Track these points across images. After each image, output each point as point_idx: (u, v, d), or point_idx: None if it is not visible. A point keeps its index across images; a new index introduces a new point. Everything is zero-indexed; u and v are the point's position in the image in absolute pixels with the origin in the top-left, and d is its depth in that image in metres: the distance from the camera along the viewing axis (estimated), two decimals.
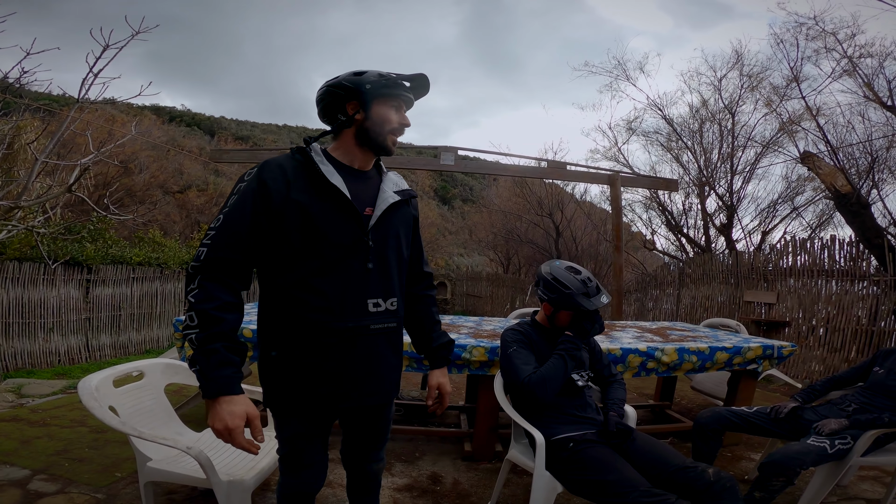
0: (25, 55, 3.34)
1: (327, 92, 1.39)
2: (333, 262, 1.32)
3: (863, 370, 2.61)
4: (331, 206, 1.31)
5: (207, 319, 1.20)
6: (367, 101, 1.36)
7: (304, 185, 1.30)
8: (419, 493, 2.56)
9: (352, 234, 1.34)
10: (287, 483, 1.49)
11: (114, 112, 19.19)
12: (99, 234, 7.73)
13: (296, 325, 1.33)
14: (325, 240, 1.30)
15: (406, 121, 1.43)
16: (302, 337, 1.33)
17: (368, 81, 1.35)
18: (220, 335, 1.21)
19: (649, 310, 9.22)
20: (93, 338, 7.02)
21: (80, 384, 1.87)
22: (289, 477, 1.49)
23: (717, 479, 1.73)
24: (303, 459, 1.46)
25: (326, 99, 1.40)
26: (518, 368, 2.00)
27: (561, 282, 2.04)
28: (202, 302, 1.21)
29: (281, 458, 1.49)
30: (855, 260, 5.46)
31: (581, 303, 2.01)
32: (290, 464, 1.47)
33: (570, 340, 2.05)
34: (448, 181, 40.89)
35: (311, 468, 1.47)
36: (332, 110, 1.40)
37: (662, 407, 3.99)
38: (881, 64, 7.58)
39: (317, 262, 1.31)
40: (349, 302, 1.34)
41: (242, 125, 46.42)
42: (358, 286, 1.35)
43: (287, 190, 1.29)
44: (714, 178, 10.56)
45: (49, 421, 3.39)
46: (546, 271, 2.11)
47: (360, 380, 1.40)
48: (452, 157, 7.51)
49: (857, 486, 2.77)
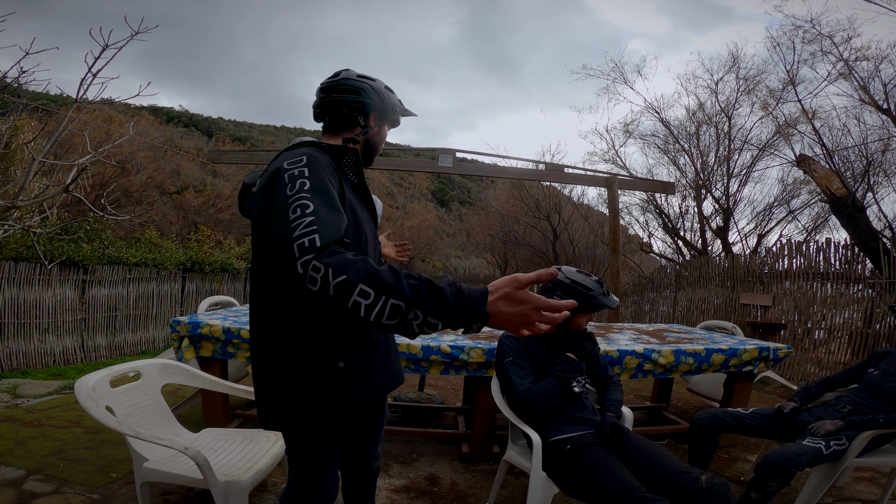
0: (25, 55, 3.33)
1: (348, 98, 1.36)
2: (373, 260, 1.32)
3: (857, 372, 2.63)
4: (363, 207, 1.35)
5: (382, 276, 0.92)
6: (383, 117, 1.43)
7: (346, 183, 1.28)
8: (417, 495, 2.56)
9: (374, 235, 1.41)
10: (301, 500, 1.38)
11: (111, 112, 19.15)
12: (95, 234, 7.70)
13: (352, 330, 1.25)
14: (366, 239, 1.31)
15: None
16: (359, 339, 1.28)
17: (395, 104, 1.46)
18: (407, 275, 0.94)
19: (646, 312, 9.24)
20: (88, 338, 6.99)
21: (77, 384, 1.86)
22: (302, 494, 1.37)
23: (710, 485, 1.74)
24: (320, 475, 1.37)
25: (359, 96, 1.36)
26: (514, 382, 2.03)
27: (582, 284, 2.04)
28: (356, 271, 0.92)
29: (295, 476, 1.38)
30: (850, 263, 5.49)
31: (604, 302, 2.04)
32: (307, 482, 1.37)
33: (570, 363, 2.04)
34: (446, 183, 40.91)
35: (326, 482, 1.39)
36: (354, 111, 1.37)
37: (659, 409, 4.00)
38: (877, 67, 7.64)
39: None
40: None
41: (240, 126, 46.37)
42: None
43: (341, 187, 1.21)
44: (710, 181, 10.61)
45: (44, 421, 3.37)
46: (562, 277, 2.08)
47: (393, 367, 1.46)
48: (450, 160, 7.52)
49: (852, 487, 2.79)
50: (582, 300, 2.00)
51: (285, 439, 1.38)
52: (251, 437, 2.24)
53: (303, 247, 0.96)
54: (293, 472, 1.39)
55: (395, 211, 19.77)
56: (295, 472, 1.38)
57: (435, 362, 2.84)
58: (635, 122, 12.03)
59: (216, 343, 2.83)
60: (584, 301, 2.00)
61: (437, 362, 2.84)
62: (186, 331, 2.82)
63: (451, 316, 0.92)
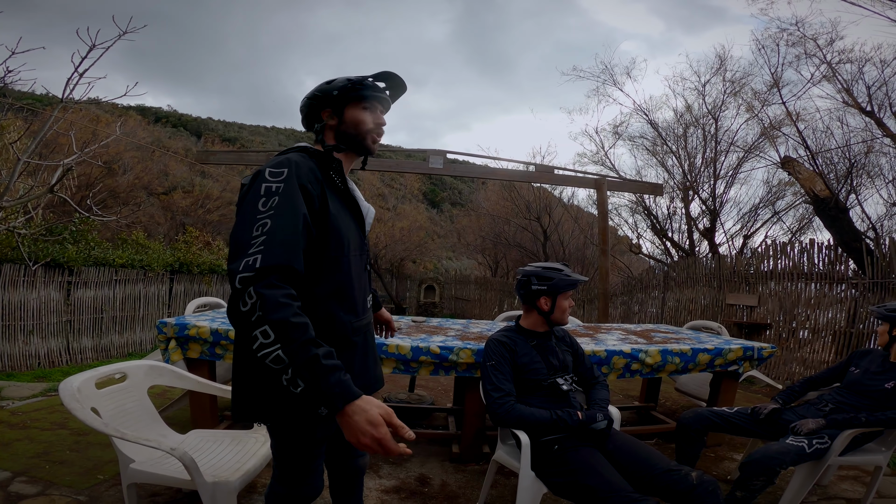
0: (10, 54, 3.30)
1: (305, 104, 1.46)
2: (354, 266, 1.38)
3: (839, 371, 2.68)
4: (347, 212, 1.37)
5: (288, 328, 1.04)
6: (339, 106, 1.41)
7: (330, 190, 1.33)
8: (407, 495, 2.57)
9: (360, 239, 1.43)
10: (288, 494, 1.44)
11: (98, 112, 18.91)
12: (81, 235, 7.60)
13: (330, 331, 1.30)
14: (349, 245, 1.34)
15: (381, 120, 1.46)
16: (335, 342, 1.29)
17: (336, 87, 1.40)
18: (311, 341, 1.05)
19: (635, 313, 9.31)
20: (74, 341, 6.90)
21: (62, 385, 1.85)
22: (289, 488, 1.44)
23: (701, 482, 1.76)
24: (308, 468, 1.44)
25: (305, 111, 1.47)
26: (491, 387, 2.07)
27: (553, 268, 2.16)
28: (274, 312, 1.04)
29: (281, 470, 1.44)
30: (833, 263, 5.58)
31: (577, 278, 2.15)
32: (293, 475, 1.43)
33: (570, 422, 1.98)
34: (437, 184, 40.89)
35: (313, 474, 1.46)
36: (311, 120, 1.46)
37: (647, 408, 4.03)
38: (860, 69, 7.74)
39: (346, 266, 1.34)
40: (361, 301, 1.43)
41: (230, 127, 46.01)
42: (364, 286, 1.46)
43: (322, 193, 1.28)
44: (698, 183, 10.71)
45: (29, 423, 3.33)
46: (529, 270, 2.19)
47: (371, 370, 1.48)
48: (441, 161, 7.54)
49: (837, 485, 2.83)
50: (558, 280, 2.12)
51: (270, 433, 1.41)
52: (239, 438, 2.23)
53: (247, 265, 1.08)
54: (278, 466, 1.44)
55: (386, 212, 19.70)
56: (280, 466, 1.43)
57: (424, 363, 2.84)
58: (624, 123, 12.07)
59: (204, 344, 2.81)
60: (560, 281, 2.12)
61: (426, 363, 2.84)
62: (174, 332, 2.80)
63: (314, 392, 1.04)
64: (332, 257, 1.30)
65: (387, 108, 1.50)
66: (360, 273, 1.43)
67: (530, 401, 2.08)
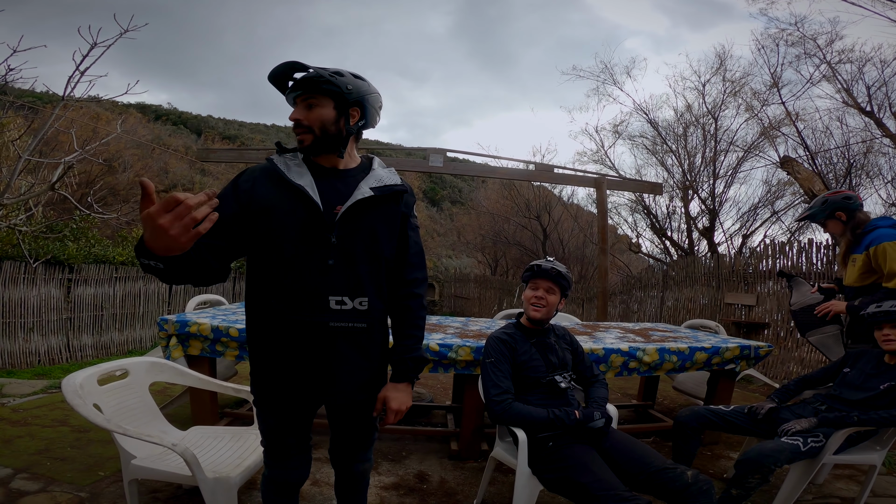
0: (12, 52, 3.31)
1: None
2: (292, 256, 1.37)
3: (833, 370, 2.69)
4: (294, 205, 1.37)
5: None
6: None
7: (270, 186, 1.39)
8: (406, 492, 2.59)
9: (313, 231, 1.37)
10: (268, 474, 1.58)
11: (98, 110, 18.92)
12: (81, 232, 7.62)
13: (262, 315, 1.43)
14: (283, 235, 1.37)
15: (292, 115, 1.41)
16: (267, 327, 1.42)
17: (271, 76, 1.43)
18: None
19: (634, 311, 9.32)
20: (74, 338, 6.92)
21: (64, 382, 1.87)
22: (269, 468, 1.57)
23: (695, 481, 1.78)
24: (278, 450, 1.54)
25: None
26: (490, 384, 2.09)
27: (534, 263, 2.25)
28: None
29: (264, 448, 1.58)
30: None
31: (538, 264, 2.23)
32: (268, 454, 1.56)
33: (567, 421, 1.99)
34: (437, 183, 40.88)
35: (287, 459, 1.54)
36: None
37: (645, 407, 4.05)
38: (860, 69, 7.75)
39: (277, 256, 1.37)
40: (307, 296, 1.37)
41: (230, 124, 45.99)
42: (317, 282, 1.37)
43: (252, 189, 1.38)
44: (697, 182, 10.73)
45: (30, 420, 3.35)
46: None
47: (319, 376, 1.42)
48: (441, 159, 7.54)
49: (832, 484, 2.84)
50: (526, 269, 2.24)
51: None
52: (240, 434, 2.26)
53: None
54: (263, 443, 1.57)
55: None
56: (264, 450, 1.57)
57: None
58: (624, 122, 12.12)
59: (204, 341, 2.83)
60: (528, 269, 2.23)
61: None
62: (174, 329, 2.82)
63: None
64: (261, 244, 1.38)
65: (293, 102, 1.44)
66: (310, 267, 1.37)
67: (528, 398, 2.09)
